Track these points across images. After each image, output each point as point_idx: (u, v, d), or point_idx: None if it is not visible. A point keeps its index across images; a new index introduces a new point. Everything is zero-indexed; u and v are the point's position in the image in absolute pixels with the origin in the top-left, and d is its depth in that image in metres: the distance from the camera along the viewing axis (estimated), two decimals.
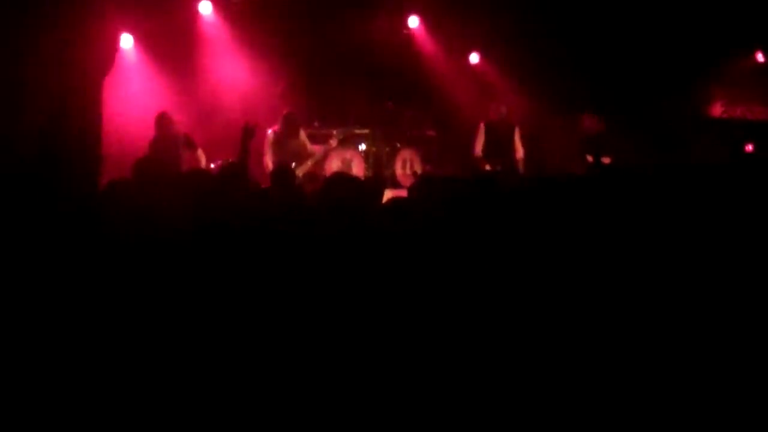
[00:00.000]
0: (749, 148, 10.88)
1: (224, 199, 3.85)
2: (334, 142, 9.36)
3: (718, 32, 10.62)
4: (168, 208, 3.54)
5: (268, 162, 8.76)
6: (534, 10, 10.55)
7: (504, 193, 4.30)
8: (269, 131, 8.88)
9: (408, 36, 11.41)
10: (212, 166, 8.69)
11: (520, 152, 9.39)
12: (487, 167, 9.26)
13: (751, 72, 11.65)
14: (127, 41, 9.93)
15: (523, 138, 9.45)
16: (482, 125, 9.47)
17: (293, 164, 8.55)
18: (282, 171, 5.31)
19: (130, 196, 3.92)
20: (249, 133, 5.32)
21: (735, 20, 10.53)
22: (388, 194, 5.48)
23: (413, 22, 11.30)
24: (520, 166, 9.32)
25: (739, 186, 4.00)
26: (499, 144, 9.30)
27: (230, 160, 7.54)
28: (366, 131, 10.48)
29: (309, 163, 8.93)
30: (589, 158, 8.85)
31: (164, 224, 3.44)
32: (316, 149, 9.18)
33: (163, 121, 8.69)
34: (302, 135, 9.09)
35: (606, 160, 8.83)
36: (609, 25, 10.54)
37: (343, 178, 4.22)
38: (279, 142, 8.90)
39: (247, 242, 3.11)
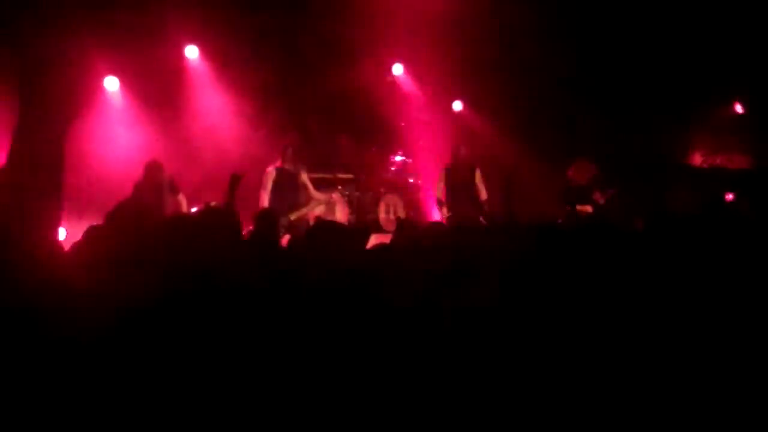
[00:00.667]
0: (729, 197, 10.96)
1: (204, 244, 3.83)
2: (336, 196, 9.30)
3: (696, 83, 10.78)
4: (144, 255, 3.52)
5: (265, 199, 8.56)
6: (518, 59, 10.69)
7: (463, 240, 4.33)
8: (270, 168, 8.70)
9: (392, 83, 11.52)
10: (194, 210, 8.63)
11: (483, 194, 9.29)
12: (445, 212, 9.21)
13: (730, 122, 11.80)
14: (112, 84, 9.97)
15: (486, 180, 9.36)
16: (443, 169, 9.42)
17: (289, 206, 8.45)
18: (265, 216, 5.32)
19: (105, 243, 3.86)
20: (236, 181, 5.36)
21: (714, 71, 10.70)
22: (372, 239, 5.50)
23: (397, 69, 11.41)
24: (484, 208, 9.21)
25: (718, 237, 4.04)
26: (461, 187, 9.25)
27: (211, 203, 7.52)
28: (350, 176, 10.54)
29: (305, 210, 8.67)
30: (568, 207, 8.89)
31: (137, 275, 3.40)
32: (320, 196, 8.99)
33: (152, 167, 8.58)
34: (304, 177, 8.88)
35: (587, 209, 8.88)
36: (591, 75, 10.69)
37: (328, 224, 4.24)
38: (279, 179, 8.68)
39: (221, 296, 3.11)
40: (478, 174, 9.24)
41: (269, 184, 8.58)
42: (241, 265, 3.49)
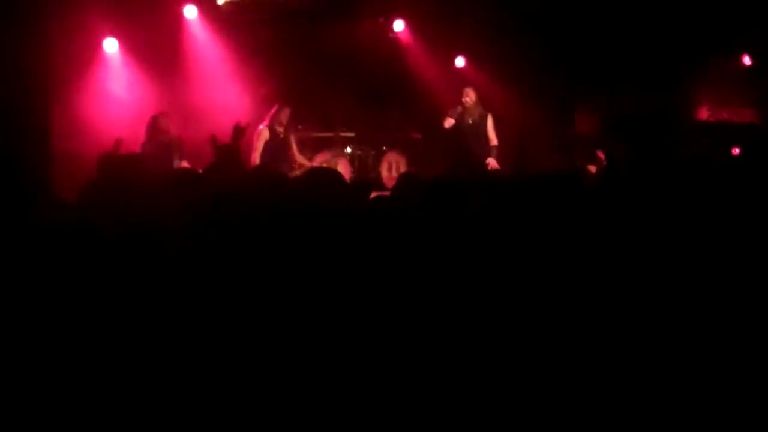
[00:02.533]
0: (736, 151, 10.87)
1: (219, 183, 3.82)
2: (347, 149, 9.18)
3: (704, 35, 10.64)
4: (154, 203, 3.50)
5: (256, 158, 8.52)
6: (520, 13, 10.56)
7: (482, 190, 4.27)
8: (261, 127, 8.67)
9: (393, 39, 11.40)
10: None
11: (493, 140, 9.22)
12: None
13: (738, 75, 11.66)
14: (111, 45, 9.89)
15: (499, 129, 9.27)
16: (452, 110, 9.32)
17: (280, 167, 8.31)
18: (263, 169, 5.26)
19: (109, 197, 3.86)
20: (239, 133, 5.30)
21: (721, 23, 10.56)
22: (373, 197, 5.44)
23: (398, 25, 11.29)
24: (494, 155, 9.15)
25: (731, 185, 3.98)
26: (470, 131, 9.11)
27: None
28: (351, 134, 10.47)
29: (297, 172, 8.65)
30: (573, 165, 8.82)
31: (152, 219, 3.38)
32: (304, 161, 8.98)
33: (158, 124, 8.47)
34: (292, 139, 8.92)
35: (591, 169, 8.80)
36: (596, 27, 10.55)
37: (324, 170, 4.18)
38: (272, 139, 8.69)
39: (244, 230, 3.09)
40: (490, 121, 9.16)
41: (260, 144, 8.56)
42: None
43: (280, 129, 8.66)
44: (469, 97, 9.09)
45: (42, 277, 2.92)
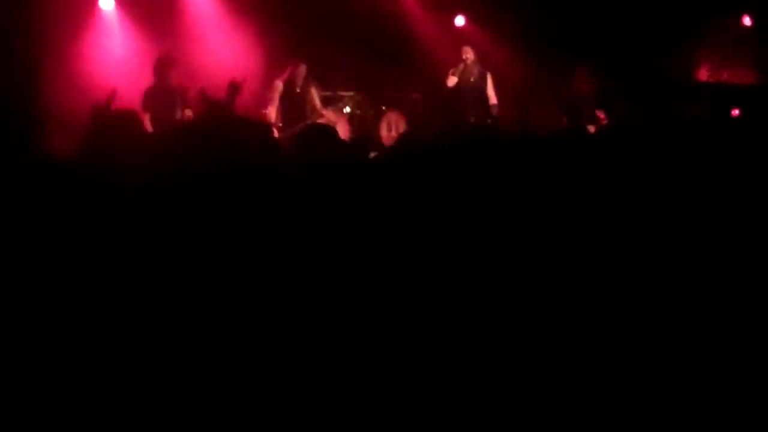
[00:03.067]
0: (735, 112, 10.86)
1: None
2: (343, 116, 9.13)
3: None
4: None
5: (272, 113, 8.46)
6: None
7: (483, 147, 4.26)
8: (277, 81, 8.59)
9: None
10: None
11: (493, 99, 9.21)
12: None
13: (738, 36, 11.60)
14: (107, 2, 9.79)
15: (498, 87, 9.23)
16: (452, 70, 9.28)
17: (296, 120, 8.31)
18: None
19: (107, 152, 3.85)
20: (235, 89, 5.29)
21: None
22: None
23: None
24: (493, 112, 9.14)
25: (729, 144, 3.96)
26: (469, 89, 9.08)
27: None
28: (351, 94, 10.41)
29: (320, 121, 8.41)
30: (572, 124, 8.81)
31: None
32: (329, 114, 8.91)
33: (162, 65, 8.35)
34: (314, 92, 8.79)
35: (590, 129, 8.78)
36: None
37: (318, 127, 4.17)
38: (288, 94, 8.58)
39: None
40: (489, 80, 9.15)
41: (276, 98, 8.43)
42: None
43: (298, 82, 8.52)
44: (469, 55, 9.08)
45: (34, 234, 2.91)
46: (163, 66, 8.36)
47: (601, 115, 8.72)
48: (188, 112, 8.37)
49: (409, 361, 2.63)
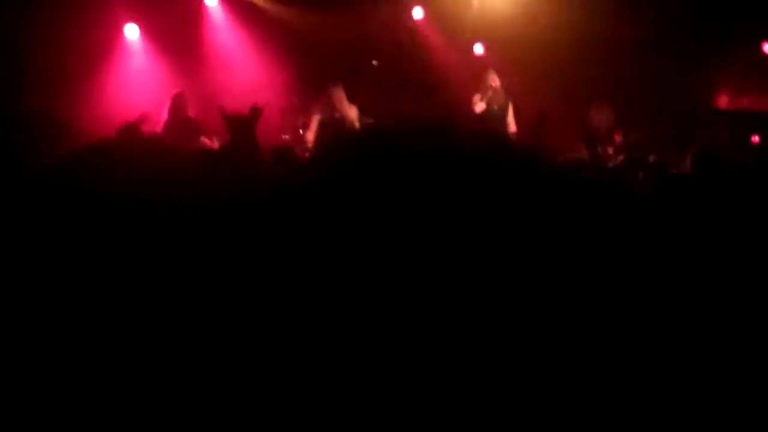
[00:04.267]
0: (756, 139, 10.84)
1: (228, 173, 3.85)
2: None
3: (724, 23, 10.58)
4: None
5: (310, 138, 8.28)
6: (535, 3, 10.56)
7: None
8: (316, 108, 8.42)
9: (412, 28, 11.41)
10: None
11: (512, 127, 9.10)
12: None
13: (758, 63, 11.60)
14: (132, 32, 9.96)
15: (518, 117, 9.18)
16: (477, 94, 9.15)
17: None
18: (282, 152, 5.31)
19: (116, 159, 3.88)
20: (256, 114, 5.34)
21: (741, 12, 10.49)
22: None
23: (417, 13, 11.30)
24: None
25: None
26: (491, 116, 9.00)
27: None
28: (371, 121, 10.48)
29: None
30: (591, 150, 8.82)
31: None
32: None
33: (177, 102, 8.50)
34: (354, 112, 8.50)
35: (609, 150, 8.81)
36: (615, 13, 10.52)
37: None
38: (327, 119, 8.29)
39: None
40: (510, 108, 9.02)
41: (315, 124, 8.30)
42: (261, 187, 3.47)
43: (336, 105, 8.38)
44: (495, 81, 8.93)
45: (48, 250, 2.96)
46: (178, 101, 8.50)
47: (617, 137, 8.73)
48: (206, 140, 8.45)
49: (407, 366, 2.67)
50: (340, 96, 8.31)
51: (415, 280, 2.91)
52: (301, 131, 9.44)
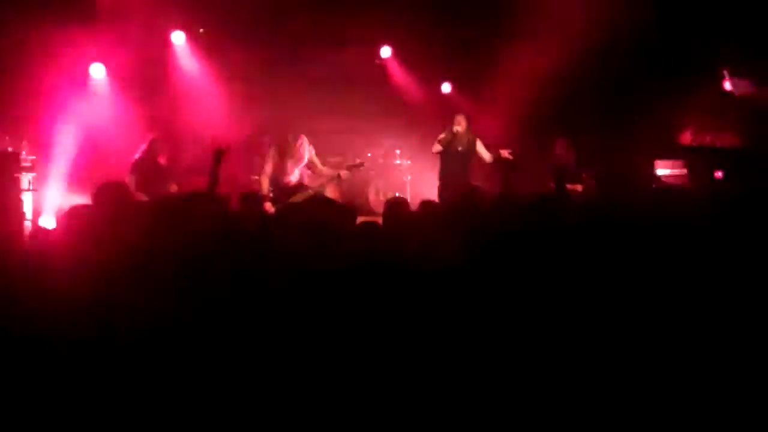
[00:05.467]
0: (719, 174, 10.96)
1: (190, 224, 3.81)
2: (344, 173, 8.69)
3: (684, 60, 10.75)
4: (129, 233, 3.50)
5: (264, 183, 8.12)
6: (506, 42, 10.66)
7: (475, 214, 4.33)
8: (272, 149, 8.19)
9: (380, 66, 11.47)
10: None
11: (488, 158, 9.06)
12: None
13: (719, 100, 11.76)
14: (98, 71, 9.90)
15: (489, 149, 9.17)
16: (443, 136, 9.06)
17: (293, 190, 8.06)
18: (251, 198, 5.27)
19: (90, 221, 3.85)
20: (219, 156, 5.32)
21: (701, 49, 10.67)
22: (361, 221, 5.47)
23: (385, 52, 11.38)
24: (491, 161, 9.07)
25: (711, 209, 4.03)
26: (460, 156, 9.02)
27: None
28: (339, 159, 10.48)
29: (310, 191, 8.09)
30: (558, 186, 8.84)
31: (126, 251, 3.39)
32: (328, 172, 8.58)
33: (154, 146, 8.40)
34: (311, 154, 8.34)
35: (577, 188, 8.85)
36: (579, 51, 10.64)
37: (323, 198, 4.24)
38: (281, 158, 8.15)
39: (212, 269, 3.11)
40: (479, 144, 9.03)
41: (270, 169, 8.16)
42: (227, 245, 3.46)
43: (294, 148, 8.14)
44: (461, 125, 8.94)
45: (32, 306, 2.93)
46: (154, 146, 8.39)
47: (587, 178, 8.79)
48: (174, 187, 8.37)
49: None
50: (294, 139, 8.21)
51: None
52: (256, 177, 9.34)
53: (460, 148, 8.96)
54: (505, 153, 8.86)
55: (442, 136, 9.03)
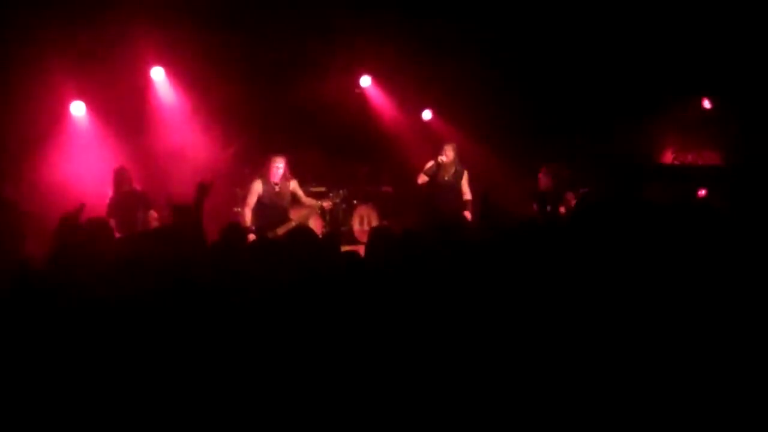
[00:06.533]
0: (701, 193, 11.00)
1: (173, 257, 3.80)
2: (327, 204, 8.79)
3: (662, 80, 10.83)
4: (115, 270, 3.49)
5: (247, 216, 8.09)
6: (485, 68, 10.72)
7: (457, 243, 4.32)
8: (256, 182, 8.17)
9: (360, 95, 11.51)
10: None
11: (467, 195, 9.10)
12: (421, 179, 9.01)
13: (700, 118, 11.85)
14: (79, 109, 9.88)
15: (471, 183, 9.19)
16: (432, 164, 8.98)
17: (277, 221, 8.04)
18: (232, 229, 5.23)
19: (78, 258, 3.86)
20: (203, 190, 5.29)
21: (681, 68, 10.76)
22: (344, 250, 5.46)
23: (365, 81, 11.42)
24: (468, 209, 9.08)
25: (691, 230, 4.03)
26: (447, 186, 8.99)
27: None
28: (322, 189, 10.46)
29: (293, 223, 8.05)
30: (541, 209, 8.84)
31: (112, 287, 3.38)
32: (311, 202, 8.61)
33: (118, 176, 8.44)
34: (295, 187, 8.38)
35: (560, 210, 8.85)
36: (558, 72, 10.73)
37: (305, 229, 4.23)
38: (266, 194, 8.16)
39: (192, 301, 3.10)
40: (465, 177, 9.03)
41: (252, 200, 8.16)
42: (205, 269, 3.45)
43: (276, 181, 8.20)
44: (448, 155, 8.91)
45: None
46: (119, 176, 8.44)
47: (571, 199, 8.78)
48: (153, 214, 8.30)
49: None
50: (278, 169, 8.23)
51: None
52: (238, 209, 9.33)
53: (446, 178, 8.94)
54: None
55: (428, 165, 9.00)
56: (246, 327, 3.03)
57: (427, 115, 11.85)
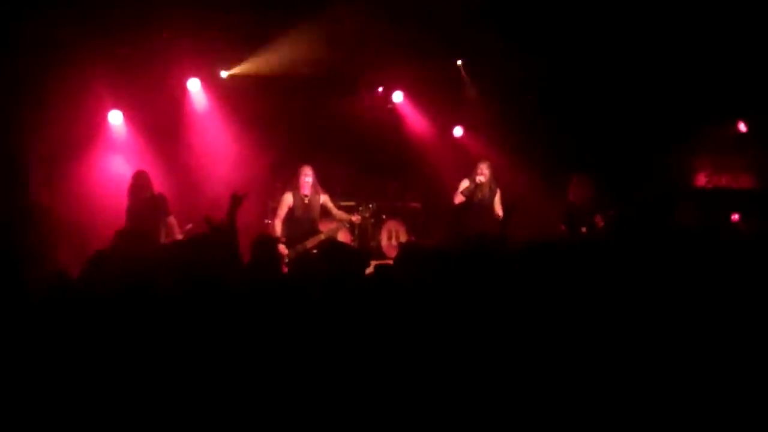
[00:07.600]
0: (735, 217, 10.89)
1: (203, 266, 3.85)
2: (356, 218, 8.76)
3: (699, 102, 10.75)
4: (150, 279, 3.55)
5: (278, 227, 8.17)
6: (516, 87, 10.73)
7: (487, 260, 4.33)
8: (287, 194, 8.27)
9: (392, 110, 11.56)
10: (188, 227, 8.33)
11: (499, 212, 8.95)
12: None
13: (734, 141, 11.74)
14: (116, 117, 10.02)
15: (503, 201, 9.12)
16: (469, 181, 8.91)
17: (306, 233, 8.11)
18: (263, 243, 5.28)
19: (113, 268, 3.92)
20: (237, 202, 5.36)
21: (716, 91, 10.67)
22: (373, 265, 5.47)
23: (397, 96, 11.47)
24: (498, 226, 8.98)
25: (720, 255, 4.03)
26: (480, 204, 8.91)
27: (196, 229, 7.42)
28: (352, 203, 10.49)
29: (322, 236, 8.20)
30: (569, 230, 8.78)
31: (147, 295, 3.44)
32: (343, 215, 8.59)
33: (138, 181, 8.26)
34: (326, 201, 8.44)
35: (583, 230, 8.79)
36: (594, 93, 10.69)
37: (338, 244, 4.28)
38: (296, 207, 8.22)
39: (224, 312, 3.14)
40: (498, 195, 8.90)
41: (283, 211, 8.25)
42: (239, 284, 3.50)
43: (305, 193, 8.28)
44: (484, 174, 8.82)
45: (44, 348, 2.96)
46: (138, 181, 8.31)
47: (599, 221, 8.70)
48: (172, 220, 8.20)
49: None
50: (307, 181, 8.27)
51: None
52: (268, 221, 9.37)
53: (480, 197, 8.80)
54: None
55: (465, 185, 8.88)
56: (279, 337, 3.07)
57: (458, 131, 11.87)
